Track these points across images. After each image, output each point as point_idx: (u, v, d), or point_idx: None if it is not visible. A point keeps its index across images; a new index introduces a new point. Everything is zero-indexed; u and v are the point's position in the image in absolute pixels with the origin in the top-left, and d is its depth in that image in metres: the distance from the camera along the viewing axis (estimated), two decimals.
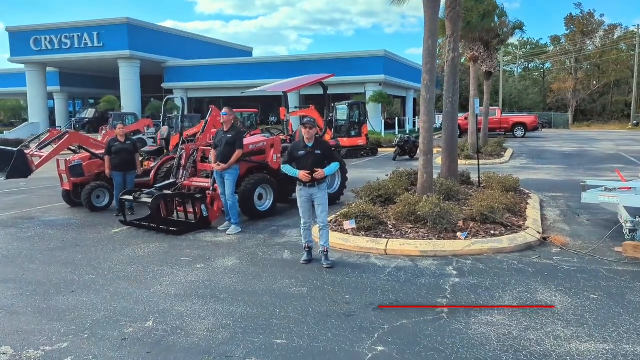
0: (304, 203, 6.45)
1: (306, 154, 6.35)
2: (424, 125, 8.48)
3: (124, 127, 9.93)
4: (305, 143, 6.42)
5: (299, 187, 6.45)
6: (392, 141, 26.58)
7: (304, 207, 6.46)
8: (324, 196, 6.44)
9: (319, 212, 6.43)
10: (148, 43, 38.98)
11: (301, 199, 6.45)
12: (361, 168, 19.23)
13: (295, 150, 6.47)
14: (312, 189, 6.35)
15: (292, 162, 6.45)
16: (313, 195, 6.39)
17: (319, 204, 6.41)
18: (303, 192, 6.41)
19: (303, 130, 6.43)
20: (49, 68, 42.80)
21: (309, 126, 6.37)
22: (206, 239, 7.99)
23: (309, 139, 6.40)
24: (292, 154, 6.47)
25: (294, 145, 6.60)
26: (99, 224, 9.19)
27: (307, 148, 6.37)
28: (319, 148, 6.42)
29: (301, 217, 6.53)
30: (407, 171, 11.54)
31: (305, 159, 6.33)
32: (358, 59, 35.48)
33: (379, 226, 7.55)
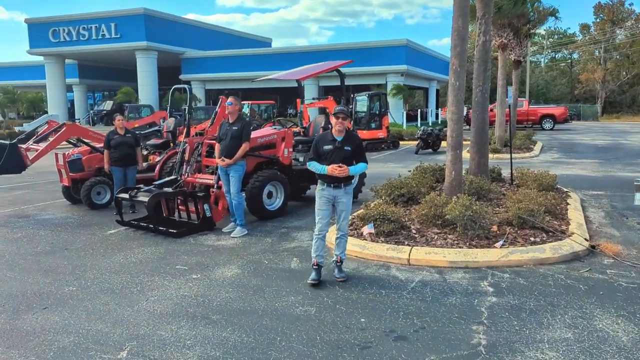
0: (323, 205, 5.45)
1: (333, 150, 5.33)
2: (452, 116, 7.53)
3: (124, 120, 9.16)
4: (334, 136, 5.40)
5: (320, 186, 5.51)
6: (414, 134, 25.52)
7: (322, 210, 5.46)
8: (349, 201, 5.54)
9: (340, 218, 5.53)
10: (165, 34, 38.39)
11: (321, 200, 5.47)
12: (382, 162, 18.29)
13: (321, 143, 5.45)
14: (337, 190, 5.40)
15: (318, 158, 5.47)
16: (337, 199, 5.43)
17: (342, 209, 5.48)
18: (325, 192, 5.44)
19: (334, 121, 5.43)
20: (68, 60, 42.56)
21: (342, 116, 5.35)
22: (207, 242, 7.19)
23: (340, 132, 5.39)
24: (317, 148, 5.45)
25: (320, 137, 5.57)
26: (95, 224, 8.47)
27: (336, 142, 5.35)
28: (350, 144, 5.40)
29: (317, 221, 5.53)
30: (431, 166, 10.59)
31: (331, 155, 5.32)
32: (379, 49, 34.36)
33: (400, 231, 6.65)
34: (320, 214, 5.49)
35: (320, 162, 5.42)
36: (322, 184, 5.49)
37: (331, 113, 5.51)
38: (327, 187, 5.44)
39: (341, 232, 5.60)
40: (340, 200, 5.47)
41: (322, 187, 5.49)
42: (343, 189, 5.46)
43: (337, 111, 5.44)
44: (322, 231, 5.50)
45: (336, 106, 5.55)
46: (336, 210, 5.54)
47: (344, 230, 5.60)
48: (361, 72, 34.51)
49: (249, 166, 8.60)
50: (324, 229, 5.50)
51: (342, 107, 5.52)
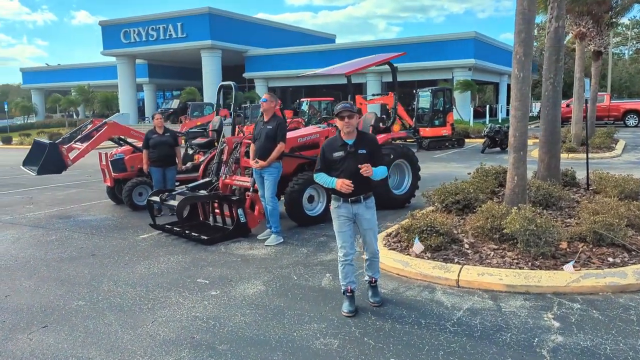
0: (343, 226, 4.57)
1: (345, 156, 4.48)
2: (515, 112, 6.54)
3: (163, 119, 8.78)
4: (343, 140, 4.56)
5: (335, 203, 4.60)
6: (481, 131, 24.09)
7: (343, 232, 4.58)
8: (373, 216, 4.65)
9: (366, 239, 4.70)
10: (229, 32, 38.70)
11: (339, 220, 4.58)
12: (444, 161, 17.20)
13: (329, 150, 4.57)
14: (355, 205, 4.53)
15: (328, 168, 4.62)
16: (357, 216, 4.57)
17: (367, 227, 4.61)
18: (342, 209, 4.56)
19: (338, 123, 4.52)
20: (138, 60, 43.95)
21: (347, 114, 4.48)
22: (238, 251, 6.63)
23: (349, 134, 4.54)
24: (326, 157, 4.58)
25: (328, 144, 4.65)
26: (130, 227, 8.15)
27: (347, 147, 4.50)
28: (364, 146, 4.53)
29: (339, 246, 4.63)
30: (494, 168, 9.55)
31: (344, 163, 4.48)
32: (445, 42, 32.87)
33: (450, 245, 5.79)
34: (342, 237, 4.63)
35: (330, 174, 4.59)
36: (337, 200, 4.63)
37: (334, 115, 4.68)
38: (343, 204, 4.56)
39: (371, 254, 4.78)
40: (363, 217, 4.60)
41: (337, 203, 4.62)
42: (364, 203, 4.58)
43: (340, 109, 4.52)
44: (348, 256, 4.64)
45: (338, 103, 4.70)
46: (360, 230, 4.70)
47: (374, 252, 4.77)
48: (426, 67, 33.22)
49: (288, 168, 8.00)
50: (350, 252, 4.64)
51: (346, 104, 4.60)
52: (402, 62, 33.84)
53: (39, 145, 9.29)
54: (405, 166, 9.30)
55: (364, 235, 4.68)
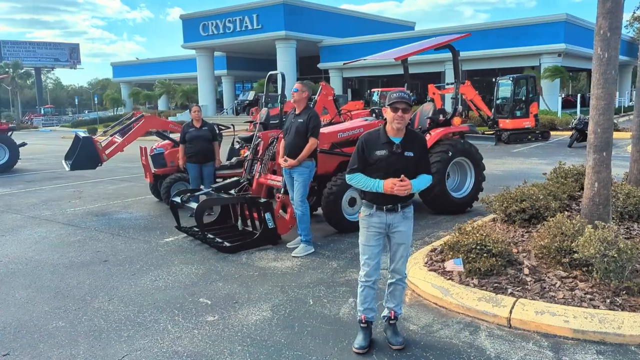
0: (372, 238, 3.74)
1: (389, 156, 3.63)
2: (596, 103, 5.19)
3: (201, 112, 8.13)
4: (389, 137, 3.67)
5: (367, 210, 3.76)
6: (569, 123, 21.82)
7: (371, 247, 3.75)
8: (409, 229, 3.78)
9: (396, 256, 3.79)
10: (304, 22, 38.12)
11: (368, 232, 3.75)
12: (523, 157, 15.55)
13: (369, 147, 3.69)
14: (392, 215, 3.69)
15: (365, 167, 3.73)
16: (392, 228, 3.72)
17: (400, 242, 3.75)
18: (375, 219, 3.72)
19: (389, 114, 3.62)
20: (217, 53, 44.60)
21: (403, 106, 3.54)
22: (260, 262, 5.84)
23: (398, 131, 3.64)
24: (365, 154, 3.71)
25: (368, 138, 3.75)
26: (159, 228, 7.62)
27: (393, 146, 3.64)
28: (412, 147, 3.67)
29: (362, 262, 3.81)
30: (576, 168, 8.10)
31: (386, 165, 3.63)
32: (532, 27, 30.24)
33: (505, 269, 4.64)
34: (368, 252, 3.76)
35: (368, 174, 3.69)
36: (369, 207, 3.75)
37: (386, 104, 3.71)
38: (376, 212, 3.71)
39: (397, 275, 3.85)
40: (397, 229, 3.72)
41: (369, 211, 3.74)
42: (401, 213, 3.70)
43: (396, 99, 3.57)
44: (370, 277, 3.79)
45: (393, 91, 3.69)
46: (390, 244, 3.81)
47: (401, 272, 3.84)
48: (510, 54, 30.86)
49: (328, 166, 7.13)
50: (373, 273, 3.78)
51: (402, 92, 3.62)
52: (483, 48, 31.68)
53: (77, 139, 9.03)
54: (467, 165, 8.09)
55: (394, 251, 3.80)
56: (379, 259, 3.79)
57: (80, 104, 63.82)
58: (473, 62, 32.49)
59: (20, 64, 54.90)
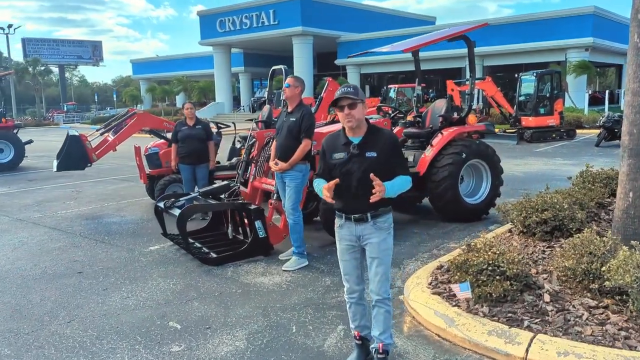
0: (345, 252, 3.34)
1: (349, 158, 3.17)
2: (632, 99, 4.45)
3: (194, 109, 7.54)
4: (347, 137, 3.23)
5: (337, 220, 3.33)
6: (596, 120, 20.79)
7: (345, 262, 3.36)
8: (385, 242, 3.24)
9: (371, 272, 3.27)
10: (321, 18, 37.41)
11: (342, 245, 3.34)
12: (547, 157, 14.69)
13: (329, 150, 3.29)
14: (361, 225, 3.20)
15: (328, 173, 3.28)
16: (363, 239, 3.24)
17: (373, 256, 3.24)
18: (345, 231, 3.28)
19: (339, 114, 3.21)
20: (234, 49, 44.18)
21: (347, 102, 3.11)
22: (246, 277, 5.24)
23: (353, 130, 3.20)
24: (325, 158, 3.31)
25: (328, 141, 3.36)
26: (147, 235, 7.08)
27: (352, 147, 3.18)
28: (374, 146, 3.16)
29: (343, 278, 3.43)
30: (605, 172, 7.31)
31: (347, 168, 3.17)
32: (557, 20, 29.04)
33: (522, 295, 3.94)
34: (344, 267, 3.40)
35: (329, 181, 3.20)
36: (339, 218, 3.30)
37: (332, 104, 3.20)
38: (345, 222, 3.26)
39: (375, 295, 3.32)
40: (369, 240, 3.23)
41: (339, 222, 3.33)
42: (371, 223, 3.19)
43: (339, 95, 3.15)
44: (353, 292, 3.40)
45: (339, 88, 3.12)
46: (366, 259, 3.31)
47: (379, 293, 3.29)
48: (534, 49, 29.72)
49: None
50: (355, 288, 3.39)
51: (347, 87, 3.19)
52: (506, 43, 30.55)
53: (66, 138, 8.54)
54: (483, 168, 7.37)
55: (369, 267, 3.30)
56: (360, 272, 3.38)
57: (103, 100, 64.27)
58: (496, 57, 31.46)
59: (39, 60, 55.23)
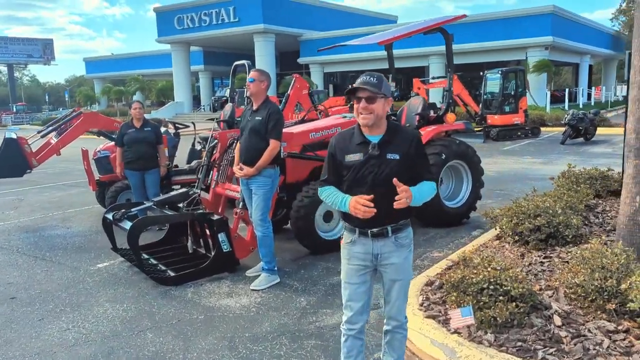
0: (354, 274, 2.76)
1: (365, 161, 2.64)
2: (638, 93, 4.03)
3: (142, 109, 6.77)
4: (364, 136, 2.67)
5: (348, 236, 2.77)
6: (559, 118, 20.90)
7: (353, 285, 2.77)
8: (406, 261, 2.74)
9: (392, 296, 2.78)
10: (283, 16, 36.71)
11: (351, 264, 2.76)
12: (516, 155, 14.48)
13: (340, 150, 2.72)
14: (380, 241, 2.68)
15: (338, 178, 2.74)
16: (381, 259, 2.70)
17: (394, 278, 2.74)
18: (358, 247, 2.72)
19: (355, 107, 2.65)
20: (193, 47, 42.96)
21: (366, 94, 2.57)
22: (209, 299, 4.58)
23: (370, 127, 2.64)
24: (335, 160, 2.74)
25: (339, 139, 2.78)
26: (96, 249, 6.30)
27: (371, 146, 2.63)
28: (397, 146, 2.65)
29: (344, 305, 2.82)
30: (587, 171, 7.00)
31: (362, 173, 2.64)
32: (518, 19, 29.23)
33: (529, 318, 3.44)
34: (350, 292, 2.78)
35: (341, 188, 2.72)
36: (350, 232, 2.75)
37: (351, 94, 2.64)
38: (359, 238, 2.71)
39: (393, 322, 2.84)
40: (389, 260, 2.70)
41: (350, 237, 2.75)
42: (392, 239, 2.68)
43: (358, 84, 2.59)
44: (354, 324, 2.79)
45: (360, 75, 2.54)
46: (382, 280, 2.76)
47: (399, 318, 2.82)
48: (496, 47, 29.84)
49: (299, 173, 5.91)
50: (357, 319, 2.78)
51: (369, 77, 2.61)
52: (468, 42, 30.52)
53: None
54: (463, 169, 6.91)
55: (387, 290, 2.80)
56: (367, 300, 2.79)
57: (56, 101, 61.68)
58: (458, 56, 31.15)
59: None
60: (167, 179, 7.84)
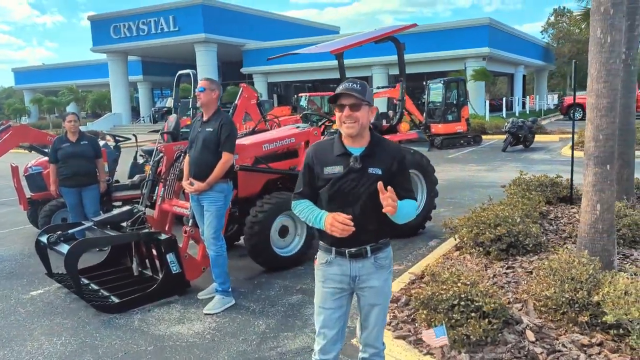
0: (329, 298, 2.53)
1: (346, 174, 2.44)
2: (597, 102, 4.02)
3: (78, 122, 6.28)
4: (345, 147, 2.48)
5: (323, 256, 2.55)
6: (499, 127, 21.57)
7: (328, 310, 2.54)
8: (386, 284, 2.55)
9: (369, 322, 2.57)
10: (225, 25, 36.20)
11: (326, 287, 2.54)
12: (461, 163, 14.70)
13: (319, 162, 2.51)
14: (358, 262, 2.48)
15: (315, 192, 2.53)
16: (360, 281, 2.51)
17: (372, 302, 2.54)
18: (334, 270, 2.52)
19: (336, 115, 2.46)
20: (131, 57, 41.64)
21: (350, 102, 2.39)
22: (158, 327, 4.20)
23: (353, 138, 2.46)
24: (312, 172, 2.52)
25: (317, 150, 2.56)
26: (29, 275, 5.75)
27: (352, 159, 2.44)
28: (380, 161, 2.45)
29: (317, 332, 2.58)
30: (537, 178, 7.09)
31: (343, 186, 2.44)
32: (457, 30, 30.12)
33: (502, 334, 3.31)
34: (325, 318, 2.54)
35: (318, 204, 2.52)
36: (326, 252, 2.54)
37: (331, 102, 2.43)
38: (336, 259, 2.50)
39: (372, 349, 2.61)
40: (367, 284, 2.51)
41: (326, 257, 2.54)
42: (372, 260, 2.48)
43: (341, 91, 2.40)
44: (327, 354, 2.57)
45: (343, 82, 2.32)
46: (359, 304, 2.56)
47: (376, 345, 2.60)
48: (436, 58, 30.59)
49: (251, 187, 5.62)
50: (330, 349, 2.55)
51: (352, 83, 2.42)
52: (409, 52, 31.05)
53: None
54: (418, 179, 6.81)
55: (364, 315, 2.59)
56: (342, 326, 2.57)
57: None
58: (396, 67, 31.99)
59: None
60: (107, 196, 7.35)
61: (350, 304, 2.59)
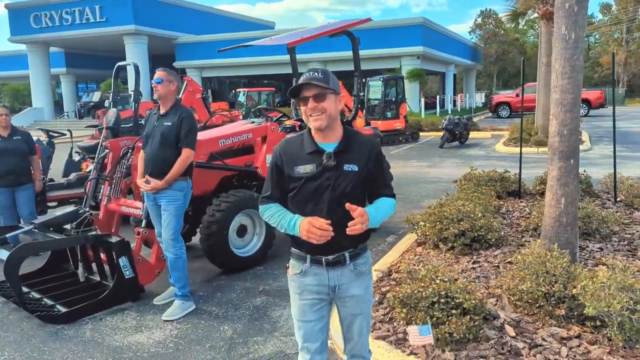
0: (308, 310, 2.33)
1: (320, 173, 2.22)
2: (561, 97, 4.10)
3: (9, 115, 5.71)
4: (316, 143, 2.26)
5: (297, 265, 2.34)
6: (435, 124, 22.16)
7: (308, 323, 2.34)
8: (367, 292, 2.38)
9: (353, 332, 2.40)
10: (156, 17, 34.87)
11: (303, 300, 2.33)
12: (402, 159, 14.90)
13: (288, 161, 2.28)
14: (336, 270, 2.29)
15: (284, 194, 2.31)
16: (339, 291, 2.31)
17: (354, 312, 2.36)
18: (310, 280, 2.31)
19: (302, 108, 2.25)
20: (53, 48, 39.26)
21: (314, 92, 2.18)
22: (114, 337, 3.87)
23: (323, 132, 2.25)
24: (281, 172, 2.30)
25: (286, 147, 2.34)
26: None
27: (325, 156, 2.21)
28: (355, 156, 2.25)
29: (300, 346, 2.39)
30: (487, 173, 7.24)
31: (318, 186, 2.22)
32: (392, 29, 30.63)
33: (482, 330, 3.29)
34: (306, 331, 2.35)
35: (293, 205, 2.29)
36: (300, 261, 2.33)
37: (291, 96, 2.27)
38: (312, 268, 2.30)
39: (359, 359, 2.44)
40: (348, 293, 2.33)
41: (300, 266, 2.32)
42: (350, 267, 2.30)
43: (303, 81, 2.21)
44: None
45: (303, 74, 2.14)
46: (340, 315, 2.39)
47: (364, 355, 2.45)
48: (372, 55, 30.88)
49: (206, 184, 5.35)
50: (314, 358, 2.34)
51: (314, 72, 2.23)
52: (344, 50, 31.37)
53: None
54: None
55: (347, 326, 2.41)
56: (325, 337, 2.40)
57: None
58: (336, 63, 32.10)
59: None
60: (42, 195, 6.78)
61: (330, 313, 2.40)
